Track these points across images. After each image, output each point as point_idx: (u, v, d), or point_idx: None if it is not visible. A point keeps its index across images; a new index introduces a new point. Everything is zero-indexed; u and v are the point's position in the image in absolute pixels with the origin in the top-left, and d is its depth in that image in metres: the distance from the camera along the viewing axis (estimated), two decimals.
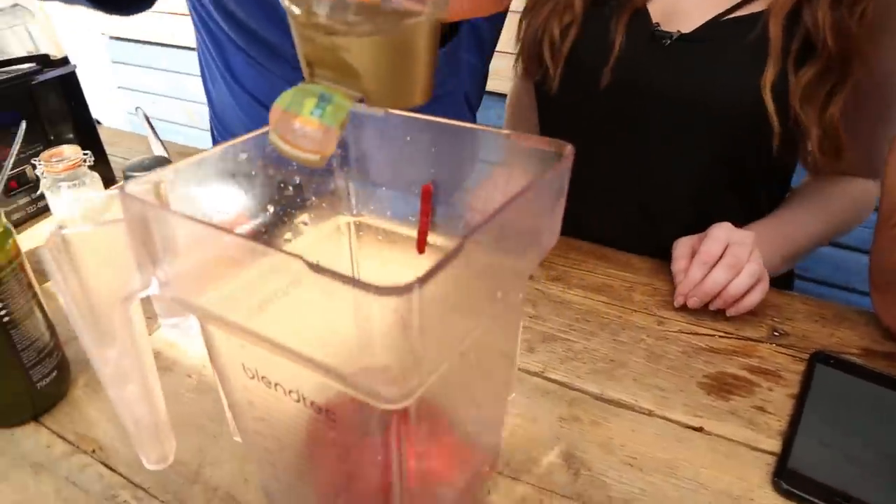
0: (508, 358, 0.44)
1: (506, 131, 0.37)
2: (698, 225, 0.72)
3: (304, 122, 0.29)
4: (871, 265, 0.66)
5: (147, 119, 0.81)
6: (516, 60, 0.90)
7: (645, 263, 0.78)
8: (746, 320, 0.68)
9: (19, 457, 0.50)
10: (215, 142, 1.16)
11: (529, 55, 0.84)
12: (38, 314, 0.51)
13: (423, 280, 0.23)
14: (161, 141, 0.85)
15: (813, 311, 0.70)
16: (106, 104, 2.49)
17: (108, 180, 0.94)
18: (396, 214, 0.44)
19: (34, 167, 0.81)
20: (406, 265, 0.44)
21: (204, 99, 1.01)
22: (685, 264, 0.70)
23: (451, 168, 0.40)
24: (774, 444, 0.53)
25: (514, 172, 0.38)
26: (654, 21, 0.76)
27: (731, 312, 0.67)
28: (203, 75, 1.01)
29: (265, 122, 0.31)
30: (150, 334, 0.64)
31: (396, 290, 0.22)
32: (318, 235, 0.45)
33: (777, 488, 0.49)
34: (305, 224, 0.43)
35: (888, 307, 0.64)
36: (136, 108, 0.82)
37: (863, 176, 0.81)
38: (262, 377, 0.33)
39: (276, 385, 0.32)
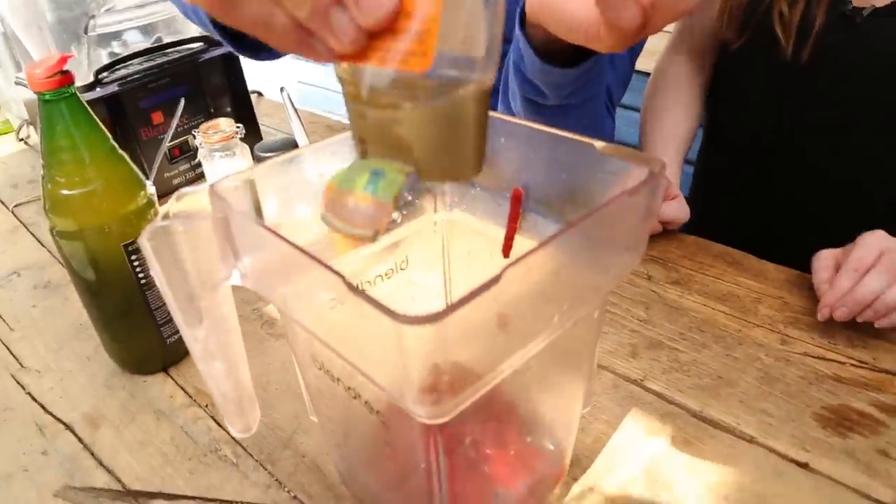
0: (581, 372, 0.43)
1: (599, 143, 0.36)
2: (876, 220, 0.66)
3: (357, 198, 0.29)
4: None
5: (290, 100, 0.86)
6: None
7: (782, 274, 0.71)
8: (888, 349, 0.60)
9: (146, 402, 0.57)
10: None
11: (738, 25, 0.81)
12: None
13: (451, 310, 0.23)
14: (301, 122, 0.91)
15: None
16: (268, 76, 2.67)
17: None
18: (487, 215, 0.44)
19: (194, 137, 0.89)
20: (494, 267, 0.44)
21: None
22: (829, 275, 0.63)
23: (543, 174, 0.39)
24: (890, 496, 0.47)
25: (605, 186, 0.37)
26: None
27: (881, 324, 0.59)
28: None
29: None
30: None
31: (422, 320, 0.23)
32: (411, 230, 0.46)
33: None
34: (397, 221, 0.44)
35: None
36: (281, 88, 0.87)
37: None
38: (327, 371, 0.34)
39: (337, 380, 0.34)
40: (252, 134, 1.00)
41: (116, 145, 0.51)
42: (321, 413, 0.40)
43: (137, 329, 0.56)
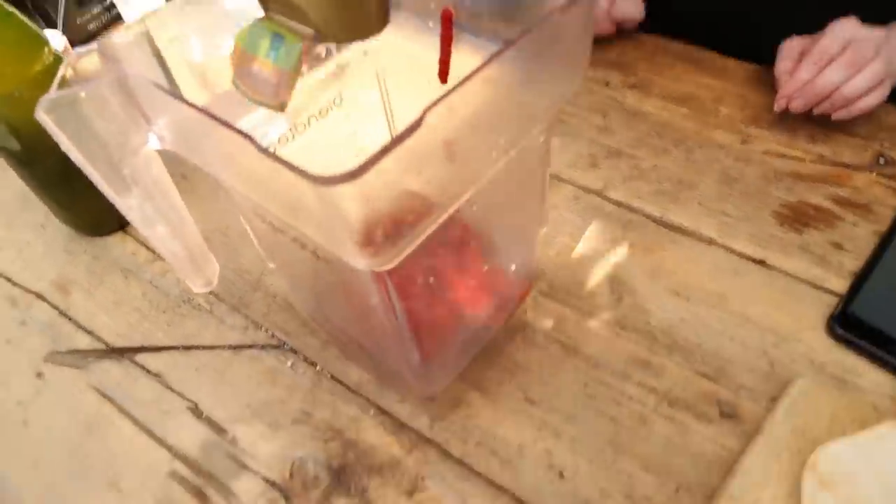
0: (535, 194, 0.42)
1: None
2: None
3: (261, 65, 0.29)
4: None
5: None
6: None
7: (743, 69, 0.69)
8: (849, 143, 0.60)
9: (111, 263, 0.57)
10: None
11: None
12: None
13: (369, 164, 0.22)
14: None
15: None
16: None
17: None
18: (419, 39, 0.41)
19: None
20: (432, 93, 0.42)
21: None
22: (791, 65, 0.61)
23: None
24: (842, 285, 0.49)
25: None
26: None
27: (837, 116, 0.58)
28: None
29: None
30: None
31: (339, 180, 0.21)
32: (342, 62, 0.42)
33: (830, 331, 0.47)
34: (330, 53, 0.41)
35: None
36: None
37: None
38: (270, 222, 0.34)
39: (280, 231, 0.33)
40: None
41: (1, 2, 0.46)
42: (276, 260, 0.41)
43: (81, 193, 0.55)
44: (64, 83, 0.30)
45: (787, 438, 0.40)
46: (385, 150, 0.22)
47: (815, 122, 0.61)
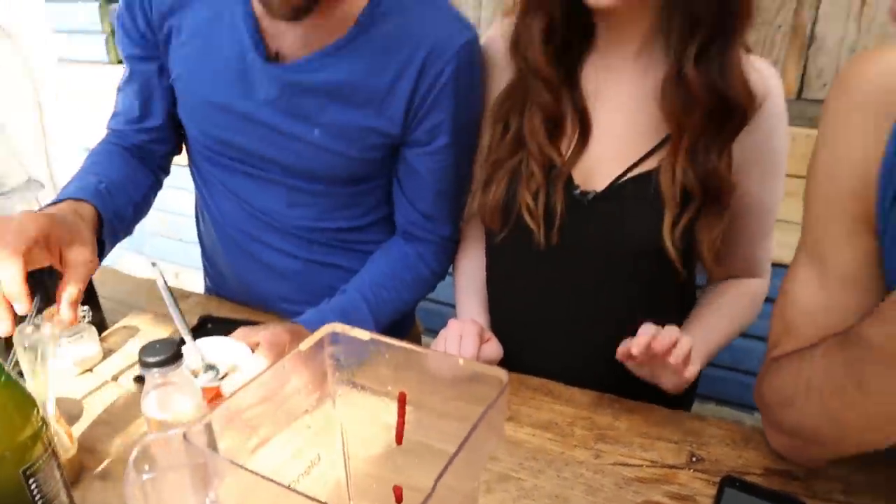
0: None
1: (460, 356, 0.50)
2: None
3: None
4: (755, 394, 0.79)
5: (166, 285, 0.87)
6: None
7: (585, 397, 0.90)
8: (669, 448, 0.80)
9: None
10: (208, 279, 1.28)
11: (493, 219, 0.94)
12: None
13: None
14: (180, 311, 0.87)
15: (724, 434, 0.83)
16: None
17: (100, 324, 1.03)
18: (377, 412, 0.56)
19: (36, 326, 0.88)
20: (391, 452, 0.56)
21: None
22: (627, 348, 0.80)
23: (417, 380, 0.53)
24: None
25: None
26: (575, 183, 0.91)
27: (689, 375, 0.77)
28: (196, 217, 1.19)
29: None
30: None
31: None
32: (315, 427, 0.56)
33: None
34: (309, 427, 0.54)
35: (770, 434, 0.77)
36: (153, 263, 0.88)
37: (749, 276, 0.99)
38: None
39: None
40: (93, 308, 1.00)
41: (7, 369, 0.54)
42: None
43: None
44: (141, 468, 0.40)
45: None
46: None
47: (642, 435, 0.81)
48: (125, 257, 2.43)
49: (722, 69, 0.79)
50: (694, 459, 0.79)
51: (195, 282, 1.49)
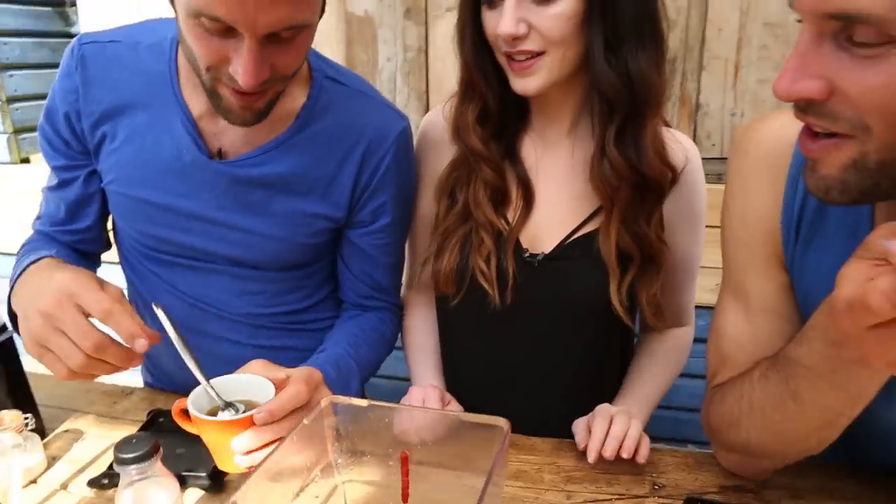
0: None
1: (456, 412, 0.54)
2: (581, 395, 0.93)
3: None
4: (702, 421, 0.87)
5: (169, 320, 0.78)
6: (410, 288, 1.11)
7: (547, 444, 0.95)
8: (633, 480, 0.86)
9: None
10: (147, 373, 1.25)
11: (448, 284, 0.99)
12: None
13: None
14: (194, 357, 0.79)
15: (679, 461, 0.90)
16: None
17: (39, 431, 0.97)
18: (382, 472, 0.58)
19: None
20: None
21: None
22: (585, 431, 0.88)
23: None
24: None
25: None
26: (524, 247, 0.98)
27: (639, 459, 0.84)
28: None
29: None
30: None
31: None
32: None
33: None
34: (316, 497, 0.55)
35: (720, 454, 0.85)
36: (155, 304, 0.79)
37: (678, 325, 1.09)
38: None
39: None
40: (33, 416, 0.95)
41: None
42: None
43: None
44: None
45: None
46: None
47: (606, 471, 0.87)
48: None
49: (638, 148, 0.89)
50: (656, 487, 0.85)
51: (133, 377, 1.44)
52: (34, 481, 0.91)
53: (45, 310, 0.71)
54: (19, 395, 0.97)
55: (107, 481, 0.85)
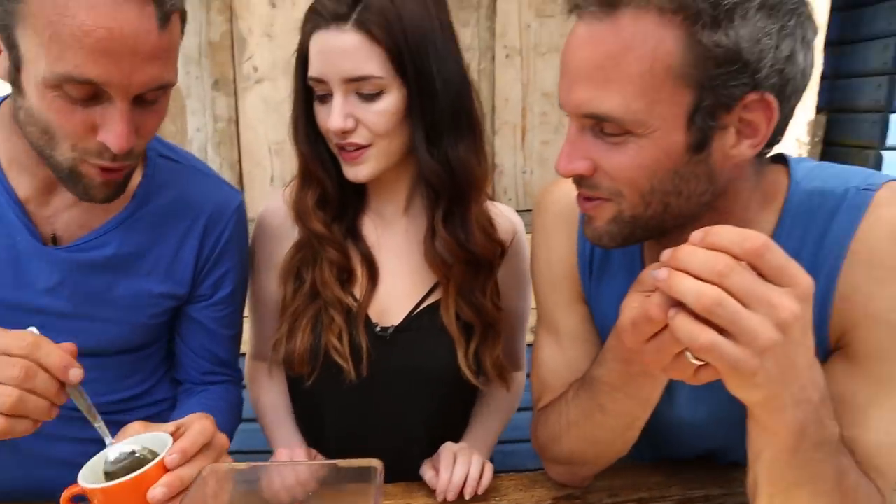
0: None
1: (330, 461, 0.59)
2: (436, 445, 1.01)
3: None
4: (532, 439, 1.00)
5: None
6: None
7: (398, 489, 1.01)
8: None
9: None
10: None
11: (303, 365, 1.01)
12: None
13: None
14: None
15: (516, 483, 1.01)
16: None
17: None
18: None
19: None
20: None
21: None
22: (433, 475, 0.96)
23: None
24: None
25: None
26: (374, 321, 1.03)
27: (480, 490, 0.93)
28: None
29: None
30: None
31: None
32: None
33: None
34: None
35: (549, 467, 0.98)
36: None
37: (514, 369, 1.20)
38: None
39: None
40: None
41: None
42: None
43: None
44: None
45: None
46: None
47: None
48: None
49: (466, 229, 1.00)
50: None
51: None
52: None
53: None
54: None
55: None
